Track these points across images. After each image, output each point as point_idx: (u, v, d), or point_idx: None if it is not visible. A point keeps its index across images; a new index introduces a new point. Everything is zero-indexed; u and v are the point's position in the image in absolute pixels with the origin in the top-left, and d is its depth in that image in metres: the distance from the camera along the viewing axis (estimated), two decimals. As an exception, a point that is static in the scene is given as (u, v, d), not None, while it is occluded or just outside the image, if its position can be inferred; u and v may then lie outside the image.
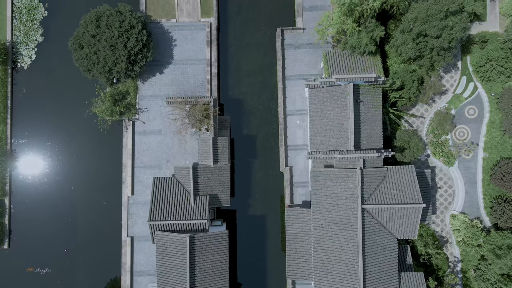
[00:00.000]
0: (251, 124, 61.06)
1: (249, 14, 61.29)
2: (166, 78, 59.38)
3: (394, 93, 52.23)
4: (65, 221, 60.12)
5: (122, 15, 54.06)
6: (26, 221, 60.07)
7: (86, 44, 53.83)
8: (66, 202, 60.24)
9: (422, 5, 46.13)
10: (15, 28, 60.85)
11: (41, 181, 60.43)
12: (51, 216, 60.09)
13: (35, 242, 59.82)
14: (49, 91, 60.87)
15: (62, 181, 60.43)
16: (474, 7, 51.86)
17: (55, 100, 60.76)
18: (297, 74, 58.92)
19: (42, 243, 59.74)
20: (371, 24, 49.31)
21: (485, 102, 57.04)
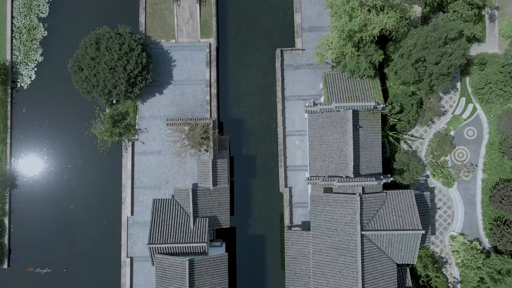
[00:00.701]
0: (250, 143, 61.13)
1: (249, 34, 61.36)
2: (166, 98, 59.45)
3: (393, 116, 52.27)
4: (64, 241, 60.15)
5: (122, 37, 54.15)
6: (26, 241, 60.08)
7: (85, 67, 53.91)
8: (66, 222, 60.27)
9: (421, 32, 46.25)
10: (15, 48, 60.94)
11: (40, 201, 60.42)
12: (50, 236, 60.09)
13: (34, 262, 59.82)
14: (48, 111, 60.91)
15: (61, 200, 60.42)
16: (473, 30, 52.02)
17: (55, 120, 60.81)
18: (297, 94, 59.02)
19: (42, 263, 59.71)
20: (370, 49, 49.39)
21: (484, 123, 57.12)
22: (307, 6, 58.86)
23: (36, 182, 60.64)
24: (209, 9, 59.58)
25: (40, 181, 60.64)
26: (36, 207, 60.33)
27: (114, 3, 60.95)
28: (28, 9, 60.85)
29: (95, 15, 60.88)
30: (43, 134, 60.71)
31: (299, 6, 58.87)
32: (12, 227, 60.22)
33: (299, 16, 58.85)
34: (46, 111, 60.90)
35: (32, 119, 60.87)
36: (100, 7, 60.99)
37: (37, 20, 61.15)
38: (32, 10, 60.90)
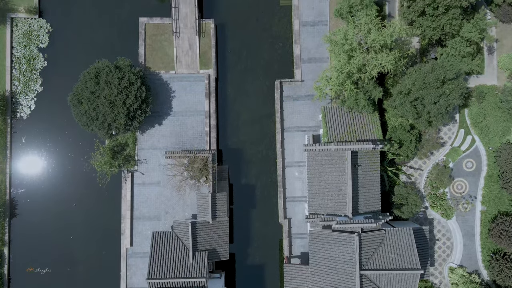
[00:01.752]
0: (250, 172, 61.23)
1: (248, 64, 61.48)
2: (165, 129, 59.55)
3: (392, 150, 52.35)
4: (63, 271, 60.17)
5: (121, 71, 54.24)
6: (25, 271, 59.99)
7: (85, 100, 53.99)
8: (65, 252, 60.31)
9: (419, 73, 46.38)
10: (14, 78, 61.05)
11: (40, 231, 60.46)
12: (49, 265, 60.11)
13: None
14: (48, 141, 60.98)
15: (61, 231, 60.43)
16: (472, 66, 52.16)
17: (54, 150, 60.88)
18: (296, 125, 59.14)
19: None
20: (369, 86, 49.51)
21: (483, 155, 57.22)
22: (306, 37, 58.98)
23: (36, 212, 60.60)
24: (208, 40, 59.72)
25: (40, 211, 60.60)
26: (36, 237, 60.34)
27: (114, 34, 61.02)
28: (28, 39, 60.97)
29: (95, 46, 60.98)
30: (42, 165, 60.77)
31: (298, 38, 59.01)
32: (11, 257, 60.24)
33: (298, 47, 58.98)
34: (46, 142, 60.97)
35: (31, 149, 60.93)
36: (100, 37, 61.09)
37: (37, 51, 61.24)
38: (32, 41, 61.02)
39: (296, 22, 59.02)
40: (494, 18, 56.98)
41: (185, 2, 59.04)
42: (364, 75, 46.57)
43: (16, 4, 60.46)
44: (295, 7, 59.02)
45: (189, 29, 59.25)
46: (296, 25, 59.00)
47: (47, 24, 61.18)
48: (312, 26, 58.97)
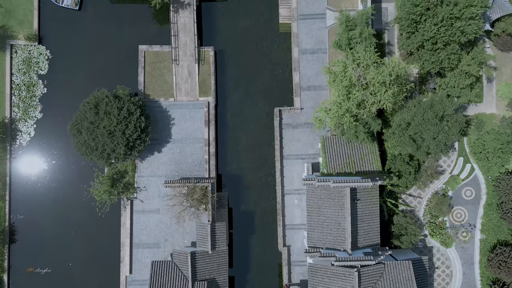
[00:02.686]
0: (249, 199, 61.25)
1: (247, 90, 61.53)
2: (165, 157, 59.59)
3: (392, 182, 52.37)
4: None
5: (121, 100, 54.32)
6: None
7: (84, 130, 54.02)
8: (64, 279, 60.27)
9: (418, 108, 46.41)
10: (14, 105, 61.09)
11: (39, 258, 60.42)
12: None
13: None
14: (47, 167, 61.02)
15: (60, 257, 60.41)
16: (470, 97, 52.23)
17: (54, 176, 60.89)
18: (295, 153, 59.16)
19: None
20: (368, 118, 49.52)
21: (482, 183, 57.25)
22: (305, 65, 59.04)
23: (35, 239, 60.61)
24: (207, 68, 59.78)
25: (39, 237, 60.59)
26: (34, 264, 60.22)
27: (114, 60, 61.05)
28: (28, 66, 61.03)
29: (94, 72, 61.04)
30: (41, 191, 60.75)
31: (298, 65, 59.06)
32: (11, 283, 60.26)
33: (298, 75, 59.03)
34: (45, 168, 60.99)
35: (31, 176, 60.92)
36: (100, 64, 61.13)
37: (37, 77, 61.30)
38: (32, 67, 61.07)
39: (295, 50, 59.08)
40: (493, 47, 57.11)
41: (184, 31, 59.12)
42: (363, 111, 46.60)
43: (16, 31, 60.54)
44: (294, 35, 59.09)
45: (188, 57, 59.31)
46: (296, 52, 59.06)
47: (46, 51, 61.24)
48: (311, 53, 59.04)
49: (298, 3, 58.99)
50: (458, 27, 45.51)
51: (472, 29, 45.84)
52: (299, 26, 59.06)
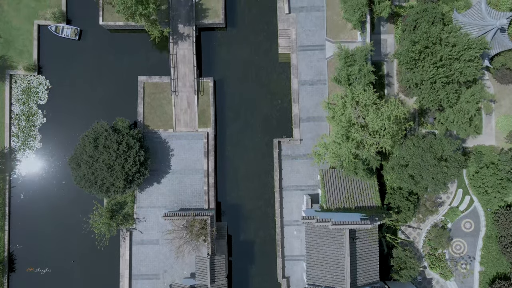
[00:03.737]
0: (248, 228, 61.18)
1: (247, 120, 61.49)
2: (164, 187, 59.56)
3: (391, 218, 52.33)
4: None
5: (120, 134, 54.30)
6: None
7: (84, 164, 54.01)
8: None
9: (417, 149, 46.38)
10: (13, 135, 61.09)
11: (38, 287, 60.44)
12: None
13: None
14: (46, 197, 60.94)
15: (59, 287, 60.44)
16: (469, 131, 52.19)
17: (53, 207, 60.75)
18: (294, 184, 59.15)
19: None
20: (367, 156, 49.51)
21: (481, 216, 57.22)
22: (304, 96, 59.06)
23: (34, 268, 60.47)
24: (207, 98, 59.80)
25: (38, 268, 60.43)
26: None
27: (113, 91, 61.04)
28: (27, 96, 61.05)
29: (94, 102, 61.05)
30: (41, 222, 60.67)
31: (297, 96, 59.08)
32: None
33: (297, 106, 59.03)
34: (44, 198, 60.92)
35: (30, 206, 60.88)
36: (99, 94, 61.13)
37: (36, 107, 61.30)
38: (31, 97, 61.09)
39: (294, 81, 59.11)
40: (492, 79, 57.15)
41: (184, 62, 59.16)
42: (362, 152, 46.60)
43: (15, 61, 60.57)
44: (294, 66, 59.12)
45: (187, 88, 59.34)
46: (295, 84, 59.09)
47: (46, 81, 61.27)
48: (310, 85, 59.07)
49: (298, 35, 59.03)
50: (457, 68, 45.58)
51: (471, 71, 45.89)
52: (299, 57, 59.10)
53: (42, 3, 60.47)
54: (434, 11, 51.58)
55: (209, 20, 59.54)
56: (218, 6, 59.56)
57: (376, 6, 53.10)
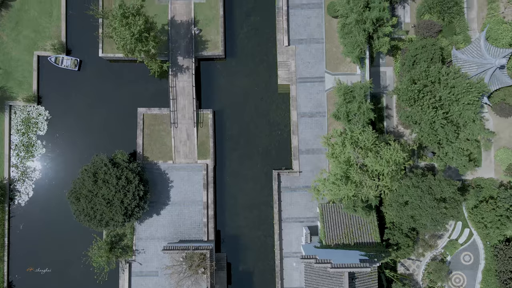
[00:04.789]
0: (248, 259, 61.13)
1: (246, 151, 61.46)
2: (163, 219, 59.55)
3: (390, 257, 52.20)
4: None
5: (119, 168, 54.30)
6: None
7: (83, 198, 54.00)
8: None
9: (417, 191, 46.37)
10: (12, 165, 61.08)
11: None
12: None
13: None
14: (46, 228, 60.92)
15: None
16: (468, 167, 52.17)
17: (52, 237, 60.71)
18: (294, 216, 59.16)
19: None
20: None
21: (481, 249, 57.21)
22: (304, 128, 59.10)
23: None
24: (206, 130, 59.83)
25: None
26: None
27: (112, 122, 61.01)
28: (26, 126, 61.07)
29: (93, 133, 61.00)
30: (40, 253, 60.64)
31: (296, 128, 59.12)
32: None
33: (296, 138, 59.08)
34: (44, 229, 60.90)
35: (29, 237, 60.86)
36: (99, 125, 61.09)
37: (35, 138, 61.30)
38: (30, 128, 61.11)
39: (294, 113, 59.17)
40: (492, 111, 57.20)
41: (183, 94, 59.22)
42: (361, 194, 46.64)
43: (15, 92, 60.63)
44: (293, 98, 59.18)
45: (187, 120, 59.37)
46: (294, 116, 59.14)
47: (45, 112, 61.28)
48: (310, 117, 59.12)
49: (297, 66, 59.12)
50: (456, 110, 45.63)
51: (469, 114, 45.93)
52: (298, 89, 59.17)
53: (42, 34, 60.55)
54: (433, 47, 51.68)
55: (208, 52, 59.62)
56: (217, 38, 59.65)
57: (375, 42, 53.16)
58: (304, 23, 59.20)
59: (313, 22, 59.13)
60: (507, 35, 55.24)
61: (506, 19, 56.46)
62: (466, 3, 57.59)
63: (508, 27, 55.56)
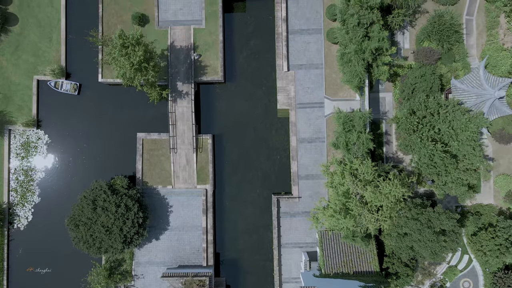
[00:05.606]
0: (247, 284, 61.11)
1: (245, 175, 61.47)
2: (162, 244, 59.53)
3: (389, 285, 52.22)
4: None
5: (118, 195, 54.28)
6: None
7: (82, 225, 54.00)
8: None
9: (416, 224, 46.37)
10: (12, 189, 61.08)
11: None
12: None
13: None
14: (45, 252, 60.89)
15: None
16: (467, 195, 52.20)
17: (51, 262, 60.72)
18: (293, 242, 59.13)
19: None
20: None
21: (480, 275, 57.18)
22: (303, 154, 59.10)
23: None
24: (205, 155, 59.83)
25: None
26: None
27: (112, 146, 60.97)
28: (26, 150, 61.08)
29: (92, 157, 61.03)
30: (39, 278, 60.58)
31: (295, 154, 59.12)
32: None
33: (295, 164, 59.07)
34: (43, 253, 60.87)
35: (28, 261, 60.83)
36: (98, 149, 61.05)
37: (35, 162, 61.25)
38: (30, 152, 61.12)
39: (293, 139, 59.17)
40: (491, 138, 57.20)
41: (182, 119, 59.23)
42: (360, 228, 46.64)
43: (14, 116, 60.65)
44: (292, 123, 59.19)
45: (186, 145, 59.38)
46: (293, 141, 59.15)
47: (45, 136, 61.30)
48: (309, 142, 59.11)
49: (296, 92, 59.15)
50: (455, 145, 45.65)
51: (469, 149, 45.97)
52: (297, 114, 59.18)
53: (41, 58, 60.59)
54: (432, 77, 51.73)
55: (208, 77, 59.65)
56: (217, 63, 59.68)
57: (375, 70, 53.22)
58: (303, 49, 59.26)
59: (313, 48, 59.18)
60: (506, 62, 55.29)
61: (506, 46, 56.50)
62: (466, 29, 57.64)
63: (507, 54, 55.62)
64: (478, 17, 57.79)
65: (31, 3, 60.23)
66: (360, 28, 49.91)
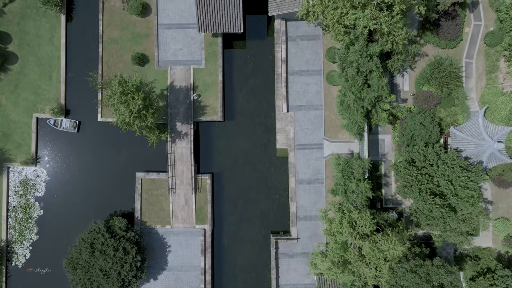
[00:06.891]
0: (246, 323, 61.11)
1: (244, 214, 61.44)
2: (160, 284, 59.42)
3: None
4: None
5: (116, 238, 54.19)
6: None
7: (80, 268, 53.92)
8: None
9: (414, 278, 46.22)
10: (10, 227, 61.02)
11: None
12: None
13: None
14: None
15: None
16: (466, 243, 52.17)
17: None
18: (291, 283, 59.03)
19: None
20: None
21: (479, 319, 57.05)
22: (302, 195, 59.06)
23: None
24: (204, 195, 59.78)
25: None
26: None
27: (110, 185, 60.96)
28: (24, 188, 61.04)
29: (91, 196, 61.00)
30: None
31: (294, 195, 59.08)
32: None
33: (294, 205, 59.02)
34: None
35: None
36: (97, 188, 61.03)
37: (33, 199, 61.27)
38: (28, 189, 61.08)
39: (292, 180, 59.12)
40: (490, 182, 57.20)
41: (181, 160, 59.21)
42: (358, 283, 46.60)
43: (13, 154, 60.64)
44: (291, 164, 59.16)
45: (185, 185, 59.35)
46: (292, 182, 59.10)
47: (43, 173, 61.25)
48: (308, 183, 59.10)
49: (296, 133, 59.14)
50: (454, 201, 45.66)
51: (468, 205, 45.97)
52: (296, 155, 59.17)
53: (41, 97, 60.63)
54: (432, 125, 51.74)
55: (207, 117, 59.69)
56: (216, 104, 59.72)
57: (374, 116, 53.26)
58: (303, 90, 59.31)
59: (312, 89, 59.24)
60: (505, 107, 55.39)
61: (505, 90, 56.57)
62: (465, 72, 57.70)
63: (506, 99, 55.71)
64: (477, 60, 57.85)
65: (31, 42, 60.28)
66: (359, 76, 49.96)
